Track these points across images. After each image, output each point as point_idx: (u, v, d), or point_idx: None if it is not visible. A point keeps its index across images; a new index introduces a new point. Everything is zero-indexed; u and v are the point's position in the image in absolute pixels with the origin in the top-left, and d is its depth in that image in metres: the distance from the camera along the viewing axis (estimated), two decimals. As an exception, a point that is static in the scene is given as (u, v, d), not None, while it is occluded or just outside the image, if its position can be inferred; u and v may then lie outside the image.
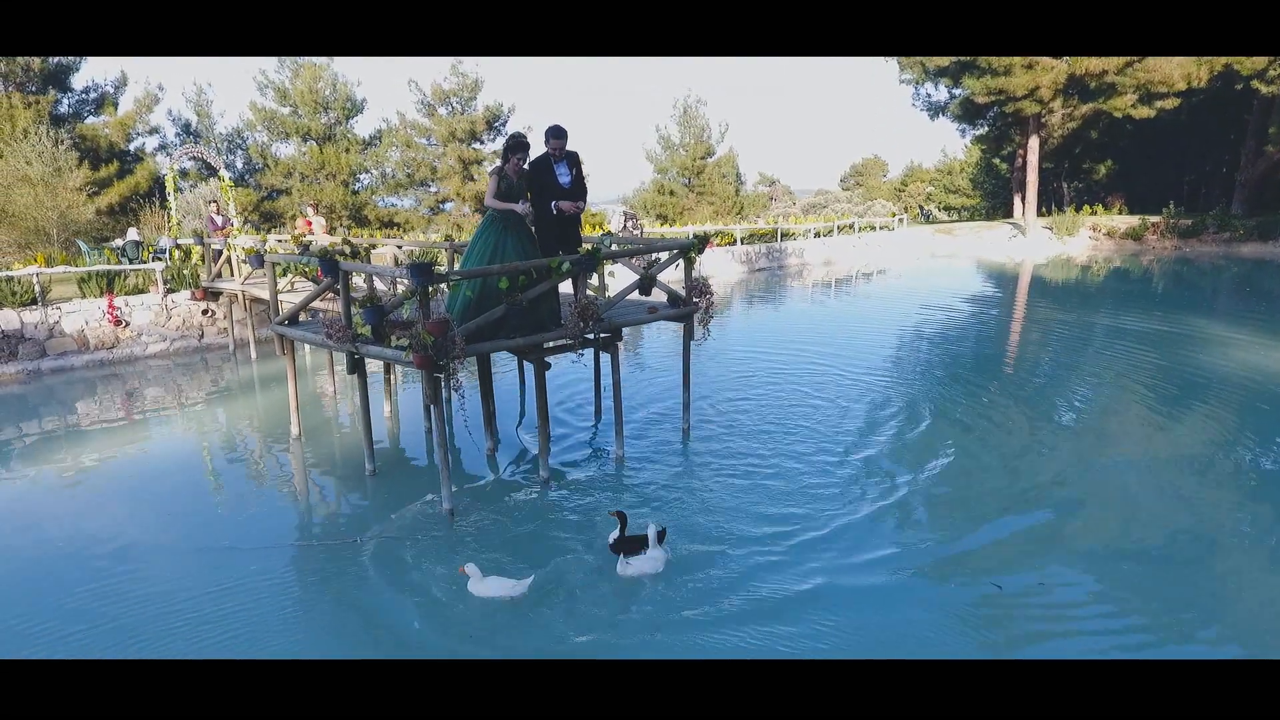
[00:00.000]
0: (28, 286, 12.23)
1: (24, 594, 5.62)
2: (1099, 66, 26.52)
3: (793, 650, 4.64)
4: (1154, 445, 8.25)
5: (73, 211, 24.27)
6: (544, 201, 7.16)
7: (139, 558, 6.09)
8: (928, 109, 39.35)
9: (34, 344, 12.07)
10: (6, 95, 28.17)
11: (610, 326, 7.59)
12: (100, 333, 12.65)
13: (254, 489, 7.69)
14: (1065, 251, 31.60)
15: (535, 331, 7.01)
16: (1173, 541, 6.02)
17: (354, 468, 7.92)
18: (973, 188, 54.42)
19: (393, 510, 6.82)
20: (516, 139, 6.98)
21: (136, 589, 5.60)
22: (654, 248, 8.22)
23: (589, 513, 6.68)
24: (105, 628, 5.12)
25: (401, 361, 6.54)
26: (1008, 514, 6.56)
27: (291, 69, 34.97)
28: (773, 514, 6.49)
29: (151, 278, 13.42)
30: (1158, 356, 12.20)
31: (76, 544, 6.42)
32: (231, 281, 12.68)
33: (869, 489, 7.05)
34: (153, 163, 31.88)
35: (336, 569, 5.83)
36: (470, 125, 37.26)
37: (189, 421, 10.20)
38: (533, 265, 6.79)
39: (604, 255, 7.31)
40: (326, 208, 34.24)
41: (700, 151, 44.38)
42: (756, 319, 18.05)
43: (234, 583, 5.65)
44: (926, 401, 9.88)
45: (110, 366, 12.64)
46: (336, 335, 7.02)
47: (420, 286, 6.07)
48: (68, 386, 11.74)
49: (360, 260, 9.42)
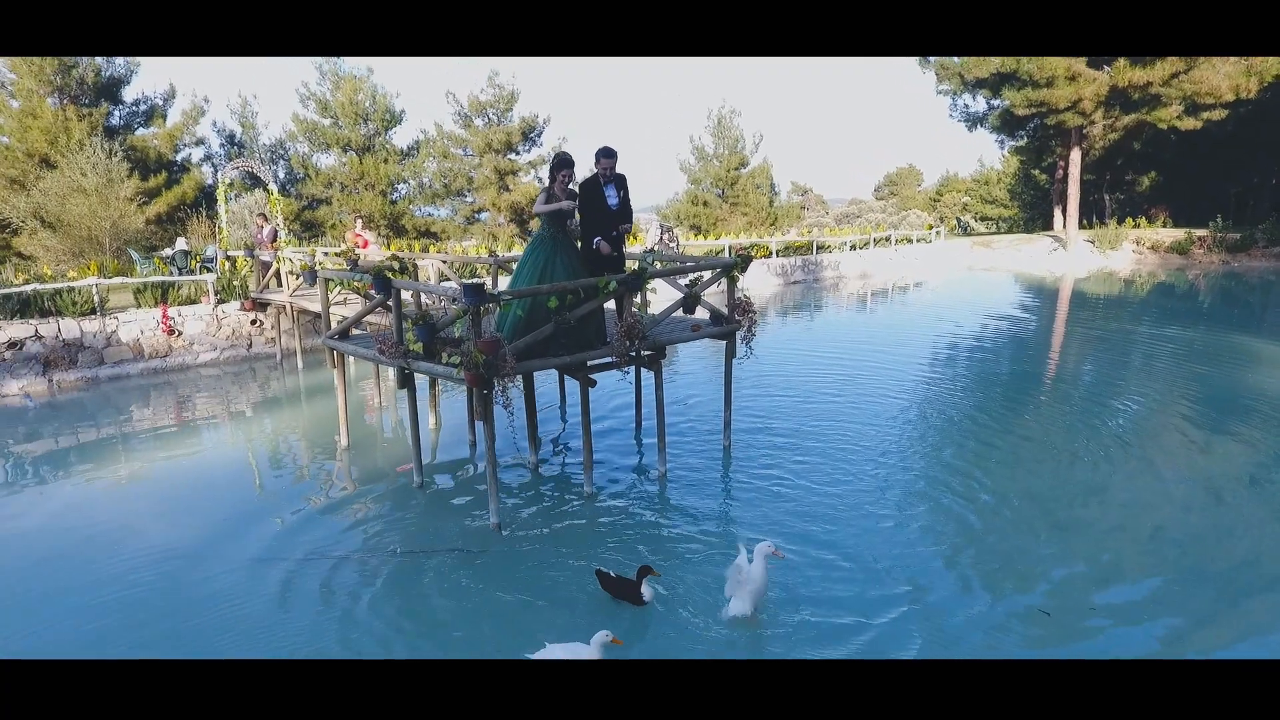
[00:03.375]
0: (87, 297, 12.66)
1: (75, 592, 5.86)
2: (1143, 78, 26.08)
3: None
4: (1203, 469, 8.10)
5: (124, 221, 25.07)
6: (592, 222, 7.27)
7: (190, 562, 6.29)
8: (966, 120, 38.98)
9: (92, 352, 12.50)
10: (62, 109, 29.09)
11: (654, 344, 7.67)
12: (154, 342, 13.06)
13: (304, 499, 7.88)
14: (1107, 265, 31.04)
15: (582, 349, 7.12)
16: (1232, 571, 5.93)
17: (405, 479, 8.08)
18: (1010, 199, 53.69)
19: (442, 523, 6.96)
20: (561, 157, 7.15)
21: (190, 592, 5.80)
22: (698, 267, 8.29)
23: (633, 529, 6.75)
24: (149, 630, 5.33)
25: (453, 378, 6.68)
26: (1063, 551, 6.49)
27: (333, 81, 35.71)
28: (815, 534, 6.50)
29: (203, 289, 13.81)
30: (1205, 375, 11.97)
31: (127, 546, 6.66)
32: (280, 293, 13.00)
33: (909, 511, 7.03)
34: (199, 173, 32.77)
35: (389, 579, 5.97)
36: (506, 136, 37.71)
37: (240, 430, 10.48)
38: (581, 285, 6.90)
39: (649, 275, 7.40)
40: (365, 217, 34.93)
41: (734, 162, 44.44)
42: (792, 332, 18.02)
43: (279, 590, 5.82)
44: (965, 419, 9.81)
45: (164, 374, 13.02)
46: (389, 351, 7.20)
47: (473, 306, 6.20)
48: (123, 393, 12.12)
49: (409, 276, 9.64)
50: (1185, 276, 27.78)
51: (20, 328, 11.87)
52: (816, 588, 5.66)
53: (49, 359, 11.97)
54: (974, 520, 6.84)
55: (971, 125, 39.00)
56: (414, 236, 36.74)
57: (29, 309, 12.12)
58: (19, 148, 27.95)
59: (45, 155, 27.68)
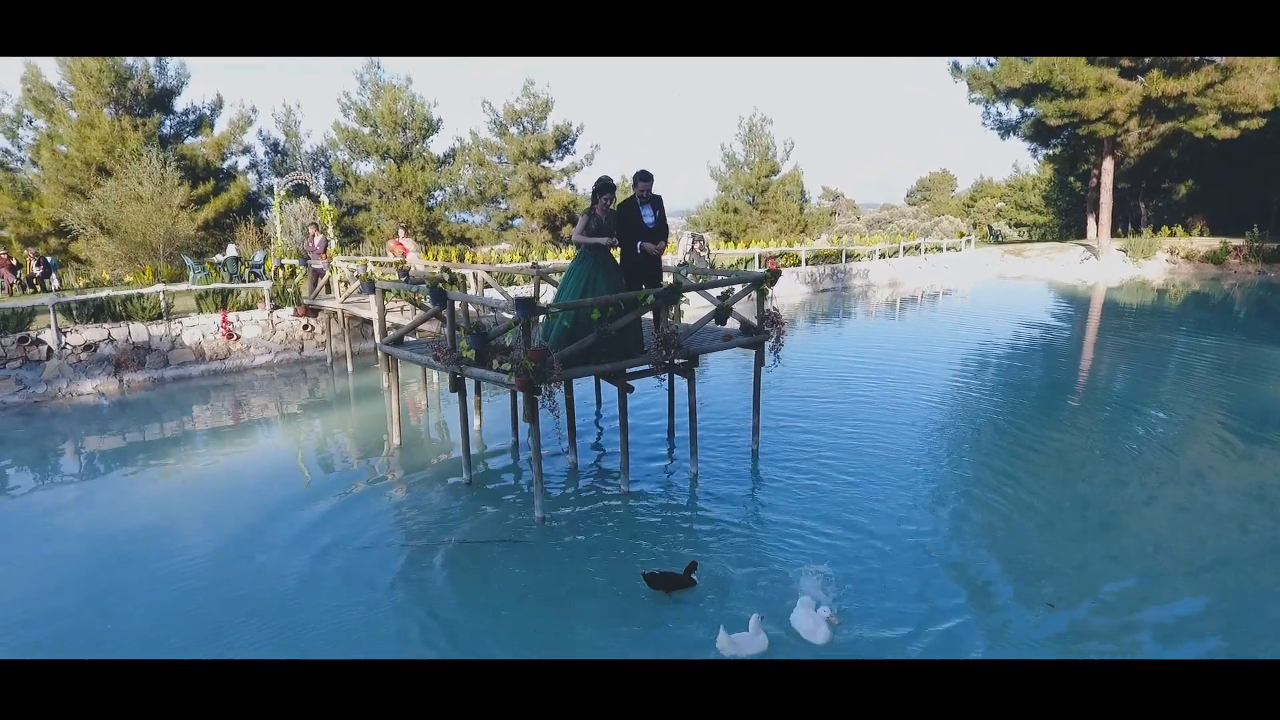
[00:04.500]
0: (154, 302, 13.51)
1: (135, 583, 6.52)
2: (1176, 88, 26.01)
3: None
4: (1251, 481, 8.38)
5: (178, 227, 26.18)
6: (631, 239, 7.82)
7: (257, 550, 6.93)
8: (998, 128, 38.93)
9: (158, 354, 13.34)
10: (117, 119, 30.31)
11: (688, 353, 8.18)
12: (214, 345, 13.87)
13: (360, 494, 8.51)
14: (1140, 274, 30.90)
15: (622, 358, 7.66)
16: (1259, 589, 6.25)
17: (452, 476, 8.67)
18: (1045, 205, 53.20)
19: (490, 516, 7.54)
20: (604, 181, 7.70)
21: (256, 577, 6.42)
22: (730, 281, 8.78)
23: (667, 525, 7.27)
24: (223, 618, 5.94)
25: (504, 383, 7.26)
26: (1101, 570, 6.56)
27: (373, 90, 36.71)
28: (838, 536, 6.95)
29: (260, 295, 14.61)
30: (1242, 386, 12.16)
31: (189, 538, 7.35)
32: (331, 300, 13.74)
33: (929, 514, 7.44)
34: (244, 180, 33.91)
35: (445, 567, 6.55)
36: (540, 144, 38.46)
37: (296, 429, 11.20)
38: (621, 298, 7.45)
39: (685, 288, 7.93)
40: (403, 223, 35.89)
41: (765, 170, 44.82)
42: (820, 339, 18.40)
43: (342, 577, 6.42)
44: (993, 427, 10.18)
45: (223, 376, 13.84)
46: (443, 357, 7.80)
47: (524, 318, 6.77)
48: (186, 393, 12.93)
49: (459, 286, 10.26)
50: (1220, 286, 27.59)
51: (94, 331, 12.74)
52: (850, 602, 5.82)
53: (120, 360, 12.82)
54: (1010, 528, 7.21)
55: (1004, 133, 38.97)
56: (449, 243, 37.63)
57: (102, 314, 12.98)
58: (77, 157, 29.20)
59: (102, 164, 28.90)
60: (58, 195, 29.09)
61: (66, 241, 29.64)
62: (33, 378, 12.00)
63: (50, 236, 30.10)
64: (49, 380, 12.12)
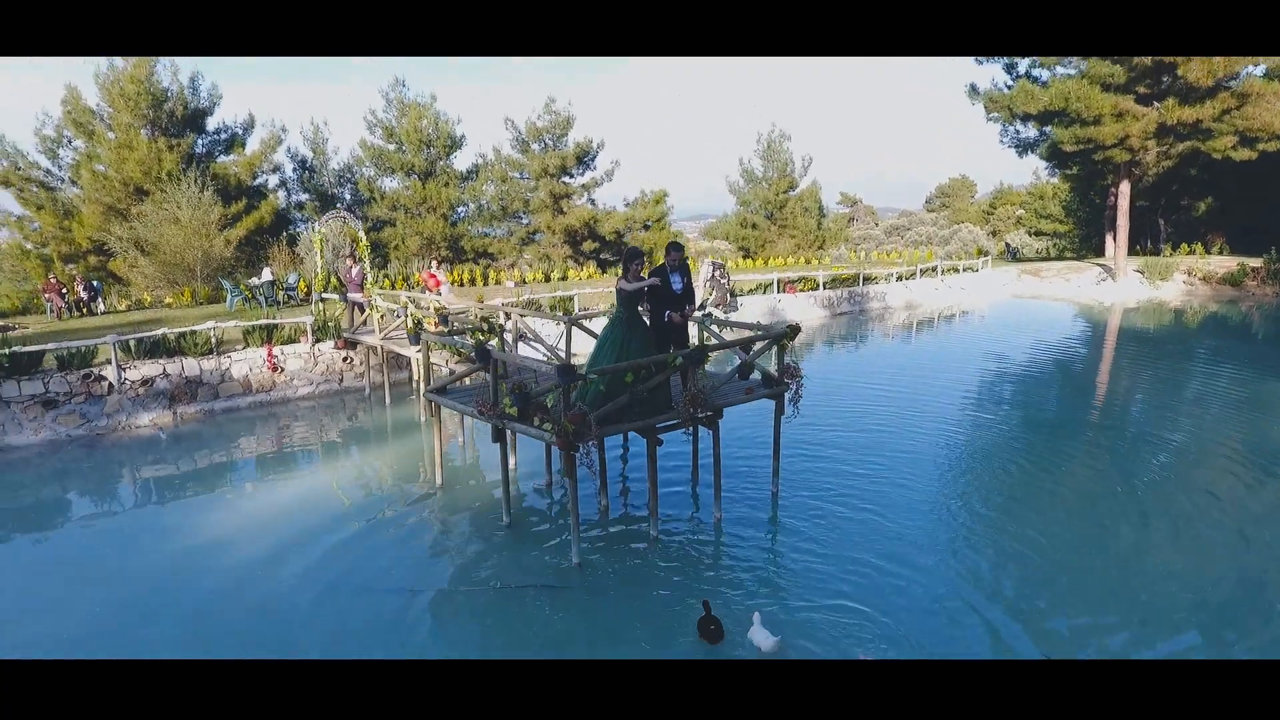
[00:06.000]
0: (205, 338, 14.30)
1: (171, 604, 7.28)
2: (1192, 116, 26.30)
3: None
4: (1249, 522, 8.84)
5: (214, 249, 27.10)
6: (661, 306, 8.46)
7: (291, 588, 7.59)
8: (1016, 146, 39.20)
9: (209, 388, 14.12)
10: (154, 140, 31.27)
11: (713, 406, 8.77)
12: (261, 377, 14.64)
13: (403, 534, 9.15)
14: (1157, 296, 31.12)
15: (653, 414, 8.28)
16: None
17: (493, 516, 9.30)
18: (1065, 215, 53.27)
19: (529, 560, 8.16)
20: (634, 251, 8.38)
21: (290, 615, 7.08)
22: (751, 339, 9.37)
23: (696, 567, 7.86)
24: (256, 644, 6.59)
25: (545, 440, 7.90)
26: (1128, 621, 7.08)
27: (399, 108, 37.58)
28: (853, 574, 7.50)
29: (302, 329, 15.37)
30: (1249, 420, 12.56)
31: (228, 565, 8.12)
32: (371, 335, 14.46)
33: (950, 557, 7.97)
34: (275, 198, 34.80)
35: (488, 610, 7.17)
36: (561, 161, 39.19)
37: (340, 463, 11.93)
38: (653, 361, 8.06)
39: (710, 348, 8.54)
40: (427, 239, 36.72)
41: (783, 186, 45.43)
42: (836, 365, 18.91)
43: (390, 620, 7.06)
44: (1006, 463, 10.70)
45: (268, 407, 14.60)
46: (487, 411, 8.44)
47: (564, 384, 7.39)
48: (235, 424, 13.70)
49: (498, 334, 10.93)
50: (1238, 309, 27.79)
51: (151, 367, 13.54)
52: (847, 622, 6.59)
53: (174, 394, 13.62)
54: (1026, 572, 7.74)
55: (1022, 151, 39.21)
56: (472, 258, 38.44)
57: (158, 350, 13.77)
58: (116, 177, 30.17)
59: (140, 184, 29.87)
60: (97, 214, 30.08)
61: (104, 260, 30.62)
62: (95, 412, 12.81)
63: (89, 254, 31.13)
64: (110, 414, 12.92)
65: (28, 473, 11.48)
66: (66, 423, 12.51)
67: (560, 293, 20.26)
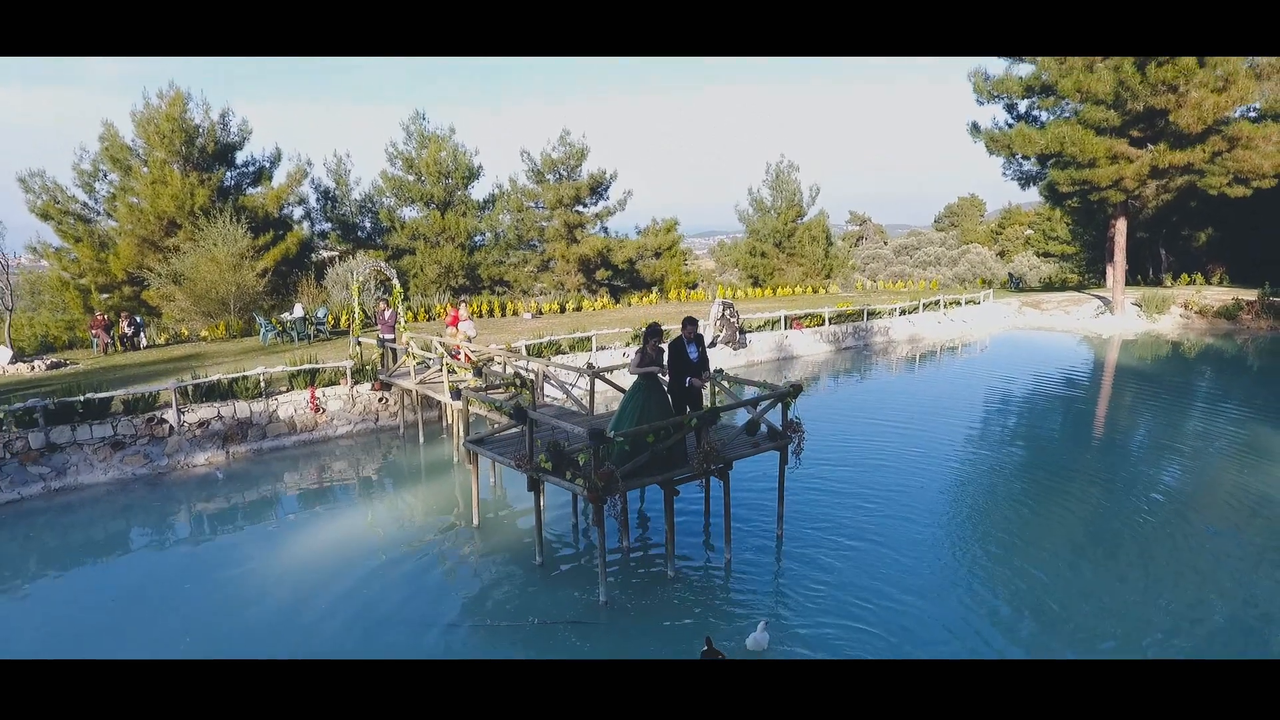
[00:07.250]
0: (255, 382, 15.50)
1: (208, 629, 8.36)
2: (1183, 159, 27.34)
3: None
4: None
5: (247, 284, 28.40)
6: (680, 373, 9.60)
7: (340, 623, 8.67)
8: (1019, 178, 40.25)
9: (258, 428, 15.30)
10: (186, 175, 32.62)
11: (724, 459, 9.86)
12: (304, 418, 15.82)
13: (443, 572, 10.23)
14: (1154, 329, 32.03)
15: (671, 468, 9.37)
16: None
17: (526, 557, 10.36)
18: (1072, 237, 54.58)
19: (561, 597, 9.23)
20: (653, 328, 9.54)
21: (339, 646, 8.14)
22: (758, 398, 10.45)
23: (709, 605, 8.93)
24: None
25: (576, 491, 9.00)
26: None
27: (419, 140, 38.99)
28: (855, 608, 8.53)
29: (342, 372, 16.56)
30: (1239, 463, 13.58)
31: (274, 594, 9.32)
32: (406, 378, 15.62)
33: (947, 596, 8.98)
34: (300, 230, 36.07)
35: (526, 644, 8.22)
36: (575, 191, 40.47)
37: (375, 500, 13.08)
38: (671, 423, 9.17)
39: (723, 409, 9.65)
40: (445, 267, 38.00)
41: (791, 215, 46.67)
42: (841, 400, 19.93)
43: (443, 654, 8.12)
44: (1004, 507, 11.78)
45: (310, 446, 15.77)
46: (523, 465, 9.55)
47: (594, 445, 8.50)
48: (282, 462, 14.86)
49: (529, 388, 12.06)
50: (1234, 342, 28.68)
51: (207, 410, 14.74)
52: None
53: (228, 435, 14.79)
54: (1028, 619, 8.75)
55: (1024, 184, 40.25)
56: (489, 285, 39.72)
57: (213, 393, 14.97)
58: (150, 211, 31.49)
59: (173, 217, 31.17)
60: (132, 246, 31.38)
61: (138, 289, 31.95)
62: (157, 452, 13.99)
63: (124, 285, 32.46)
64: (170, 454, 14.10)
65: (98, 509, 12.65)
66: (132, 463, 13.69)
67: (579, 333, 21.35)
